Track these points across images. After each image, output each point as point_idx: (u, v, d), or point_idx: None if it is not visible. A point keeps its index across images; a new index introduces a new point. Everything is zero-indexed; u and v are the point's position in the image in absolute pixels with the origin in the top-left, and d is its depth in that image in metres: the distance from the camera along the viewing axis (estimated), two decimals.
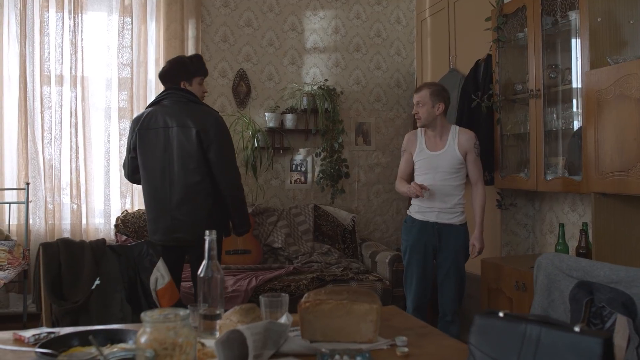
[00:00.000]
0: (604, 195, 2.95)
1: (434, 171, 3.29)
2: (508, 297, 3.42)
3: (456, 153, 3.26)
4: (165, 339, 1.12)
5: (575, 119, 3.26)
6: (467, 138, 3.29)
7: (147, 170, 3.11)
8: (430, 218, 3.31)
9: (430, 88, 3.31)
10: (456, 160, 3.26)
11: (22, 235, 4.43)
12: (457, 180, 3.30)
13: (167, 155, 3.05)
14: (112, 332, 1.53)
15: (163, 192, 3.07)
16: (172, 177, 3.05)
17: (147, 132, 3.07)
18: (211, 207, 3.07)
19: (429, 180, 3.29)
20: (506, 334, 1.15)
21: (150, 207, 3.14)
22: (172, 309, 1.19)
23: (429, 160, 3.31)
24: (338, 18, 5.25)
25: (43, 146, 4.47)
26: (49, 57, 4.47)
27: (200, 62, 3.20)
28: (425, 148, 3.34)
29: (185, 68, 3.13)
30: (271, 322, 1.43)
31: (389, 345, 1.57)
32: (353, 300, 1.59)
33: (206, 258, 1.66)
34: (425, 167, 3.33)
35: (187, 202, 3.03)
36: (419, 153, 3.36)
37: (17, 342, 1.60)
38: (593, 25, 2.96)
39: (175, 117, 3.03)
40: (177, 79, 3.12)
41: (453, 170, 3.27)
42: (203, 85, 3.24)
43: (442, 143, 3.30)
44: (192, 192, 3.03)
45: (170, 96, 3.09)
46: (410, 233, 3.39)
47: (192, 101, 3.08)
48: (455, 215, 3.31)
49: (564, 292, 2.10)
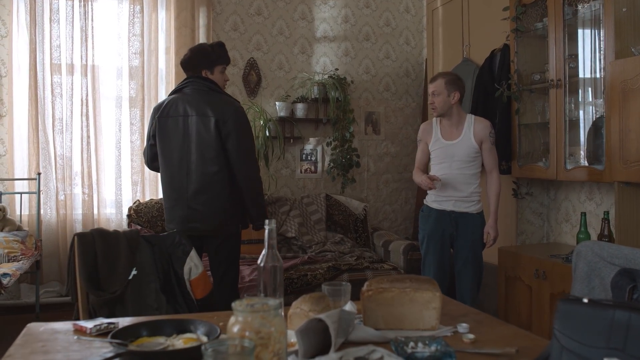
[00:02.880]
0: (626, 184, 2.99)
1: (450, 160, 3.29)
2: (527, 286, 3.47)
3: (472, 142, 3.26)
4: (260, 328, 1.12)
5: (595, 109, 3.29)
6: (483, 127, 3.28)
7: (165, 159, 3.08)
8: (447, 207, 3.32)
9: (445, 77, 3.30)
10: (472, 149, 3.26)
11: (33, 226, 4.40)
12: (472, 169, 3.30)
13: (186, 143, 3.02)
14: (178, 323, 1.53)
15: (180, 180, 3.04)
16: (190, 166, 3.02)
17: (166, 120, 3.04)
18: (228, 198, 3.03)
19: (444, 169, 3.30)
20: (592, 319, 1.17)
21: (167, 195, 3.12)
22: (259, 299, 1.20)
23: (444, 150, 3.32)
24: (348, 7, 5.24)
25: (54, 136, 4.43)
26: (59, 46, 4.42)
27: (223, 50, 3.16)
28: (441, 137, 3.34)
29: (207, 56, 3.09)
30: (342, 311, 1.44)
31: (452, 332, 1.59)
32: (416, 288, 1.60)
33: (266, 247, 1.65)
34: (441, 156, 3.33)
35: (204, 191, 3.00)
36: (434, 142, 3.37)
37: (78, 332, 1.60)
38: (618, 15, 2.98)
39: (195, 106, 3.00)
40: (198, 67, 3.08)
41: (469, 159, 3.28)
42: (225, 74, 3.21)
43: (458, 132, 3.30)
44: (209, 182, 2.99)
45: (191, 84, 3.06)
46: (427, 222, 3.40)
47: (213, 90, 3.04)
48: (472, 203, 3.31)
49: (604, 279, 2.13)
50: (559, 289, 3.19)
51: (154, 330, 1.49)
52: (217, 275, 3.02)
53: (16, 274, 3.66)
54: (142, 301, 2.44)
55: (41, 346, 1.48)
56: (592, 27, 3.31)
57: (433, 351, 1.33)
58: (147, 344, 1.43)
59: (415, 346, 1.37)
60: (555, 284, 3.22)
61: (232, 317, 1.16)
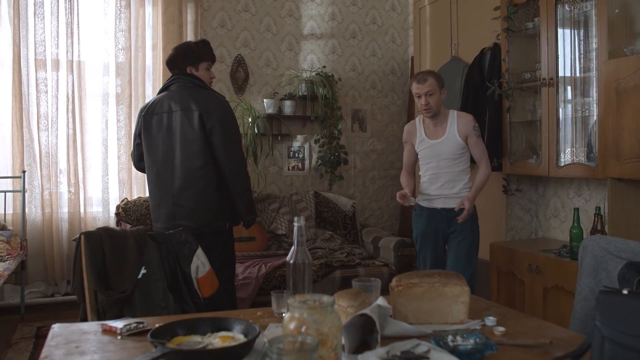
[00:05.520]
0: (618, 181, 3.09)
1: (437, 159, 3.27)
2: (520, 280, 3.54)
3: (456, 138, 3.23)
4: (320, 326, 1.13)
5: (587, 107, 3.38)
6: (466, 122, 3.24)
7: (151, 156, 3.04)
8: (438, 205, 3.30)
9: (435, 76, 3.25)
10: (457, 145, 3.23)
11: (18, 225, 4.29)
12: (461, 165, 3.28)
13: (170, 139, 2.98)
14: (212, 321, 1.52)
15: (165, 177, 3.00)
16: (175, 162, 2.97)
17: (151, 118, 3.01)
18: (214, 194, 2.98)
19: (433, 168, 3.29)
20: (634, 309, 1.22)
21: (153, 193, 3.07)
22: (313, 295, 1.20)
23: (430, 149, 3.29)
24: (334, 4, 5.25)
25: (39, 133, 4.33)
26: (43, 41, 4.32)
27: (207, 47, 3.12)
28: (426, 137, 3.31)
29: (192, 53, 3.06)
30: (379, 306, 1.46)
31: (480, 326, 1.62)
32: (445, 283, 1.63)
33: (295, 244, 1.66)
34: (428, 156, 3.31)
35: (189, 187, 2.96)
36: (420, 143, 3.34)
37: (107, 333, 1.58)
38: (610, 16, 3.06)
39: (179, 101, 2.97)
40: (183, 65, 3.05)
41: (456, 156, 3.25)
42: (211, 72, 3.17)
43: (442, 130, 3.27)
44: (194, 178, 2.95)
45: (176, 81, 3.03)
46: (420, 221, 3.40)
47: (199, 86, 3.02)
48: None
49: (611, 272, 2.20)
50: (552, 282, 3.28)
51: (189, 329, 1.48)
52: None
53: (4, 275, 3.56)
54: (150, 300, 2.41)
55: (75, 347, 1.45)
56: (583, 28, 3.40)
57: (474, 343, 1.36)
58: (186, 343, 1.42)
59: (454, 339, 1.39)
60: (549, 278, 3.30)
61: (288, 313, 1.17)
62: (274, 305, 1.76)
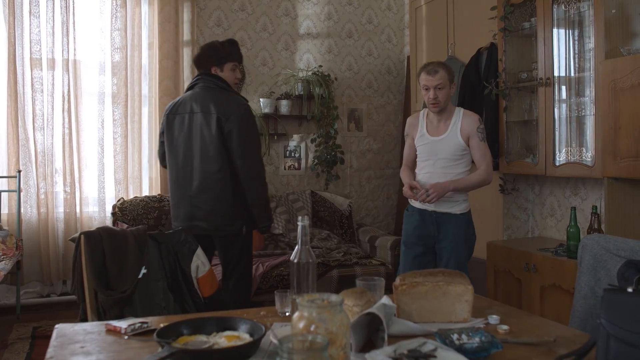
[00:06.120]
0: (615, 180, 3.11)
1: (435, 158, 3.03)
2: (516, 279, 3.56)
3: (458, 138, 2.98)
4: (329, 325, 1.13)
5: (584, 107, 3.39)
6: (470, 121, 2.99)
7: (171, 155, 3.08)
8: (429, 206, 3.03)
9: (446, 68, 2.97)
10: (458, 146, 2.98)
11: (13, 225, 4.27)
12: (459, 168, 3.02)
13: (190, 141, 3.01)
14: (217, 320, 1.52)
15: (184, 178, 3.04)
16: (194, 164, 3.01)
17: (174, 117, 3.05)
18: (230, 198, 2.99)
19: (428, 167, 3.06)
20: (638, 307, 1.23)
21: (173, 192, 3.12)
22: (321, 295, 1.21)
23: (429, 146, 3.05)
24: (331, 4, 5.25)
25: (34, 132, 4.30)
26: (39, 40, 4.29)
27: (233, 47, 3.12)
28: (426, 132, 3.07)
29: (216, 53, 3.06)
30: (385, 305, 1.46)
31: (484, 324, 1.63)
32: (448, 282, 1.64)
33: (299, 244, 1.66)
34: (425, 153, 3.07)
35: (206, 190, 2.98)
36: (419, 138, 3.10)
37: (111, 333, 1.57)
38: (607, 16, 3.08)
39: (201, 103, 2.99)
40: (208, 64, 3.07)
41: (455, 157, 3.00)
42: (237, 72, 3.16)
43: (445, 127, 3.02)
44: (211, 181, 2.98)
45: (200, 82, 3.05)
46: (409, 222, 3.16)
47: (221, 87, 3.03)
48: (456, 203, 3.02)
49: (610, 271, 2.21)
50: (549, 281, 3.30)
51: (194, 329, 1.49)
52: (225, 274, 3.00)
53: (1, 275, 3.55)
54: (150, 300, 2.41)
55: (80, 347, 1.45)
56: (580, 28, 3.42)
57: (480, 342, 1.37)
58: (192, 343, 1.42)
59: (459, 337, 1.40)
60: (546, 276, 3.31)
61: (297, 312, 1.17)
62: (277, 305, 1.76)
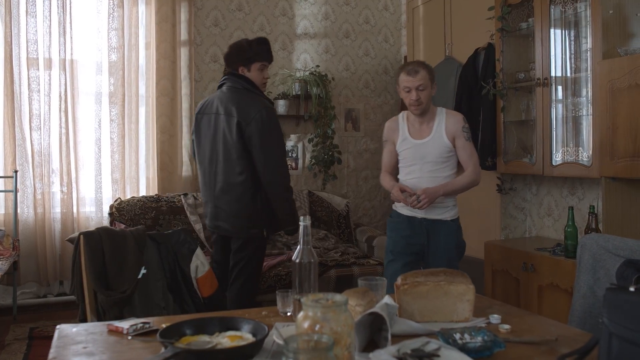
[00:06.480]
0: (612, 180, 3.12)
1: (421, 162, 2.89)
2: (514, 278, 3.57)
3: (444, 139, 2.87)
4: (334, 324, 1.13)
5: (581, 107, 3.41)
6: (454, 121, 2.89)
7: (199, 155, 3.15)
8: (418, 213, 2.89)
9: (427, 68, 2.87)
10: (445, 147, 2.88)
11: (10, 225, 4.25)
12: (447, 170, 2.90)
13: (215, 142, 3.05)
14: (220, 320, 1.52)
15: (210, 178, 3.08)
16: (218, 165, 3.05)
17: (202, 117, 3.08)
18: (250, 202, 3.00)
19: (415, 172, 2.91)
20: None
21: (202, 190, 3.22)
22: (326, 294, 1.21)
23: (414, 150, 2.91)
24: (328, 4, 5.26)
25: (31, 132, 4.29)
26: (36, 40, 4.28)
27: (261, 47, 3.09)
28: (409, 136, 2.93)
29: (243, 53, 3.04)
30: (387, 305, 1.47)
31: (485, 324, 1.63)
32: (450, 281, 1.64)
33: (301, 243, 1.67)
34: (410, 157, 2.92)
35: (228, 192, 3.01)
36: (402, 142, 2.95)
37: (113, 333, 1.57)
38: (605, 17, 3.10)
39: (225, 105, 3.01)
40: (236, 64, 3.06)
41: (442, 159, 2.89)
42: (265, 72, 3.13)
43: (429, 129, 2.90)
44: (232, 184, 3.00)
45: (227, 81, 3.07)
46: (396, 230, 2.98)
47: (245, 89, 3.01)
48: (447, 209, 2.90)
49: (610, 270, 2.22)
50: (547, 281, 3.31)
51: (197, 329, 1.49)
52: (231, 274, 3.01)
53: None
54: (150, 300, 2.41)
55: (83, 348, 1.45)
56: (577, 28, 3.43)
57: (482, 341, 1.37)
58: (195, 343, 1.42)
59: (462, 337, 1.40)
60: (544, 276, 3.33)
61: (301, 312, 1.17)
62: (279, 305, 1.77)
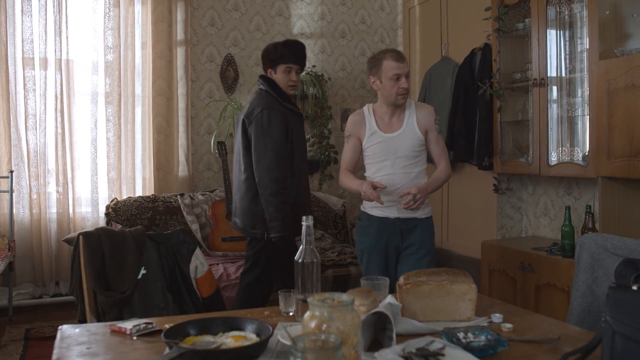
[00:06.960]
0: (609, 180, 3.14)
1: (393, 157, 2.74)
2: (511, 278, 3.58)
3: (416, 132, 2.75)
4: (341, 324, 1.13)
5: (578, 107, 3.43)
6: (426, 113, 2.79)
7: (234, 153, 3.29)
8: (391, 213, 2.75)
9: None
10: (417, 141, 2.75)
11: (5, 226, 4.23)
12: (419, 165, 2.79)
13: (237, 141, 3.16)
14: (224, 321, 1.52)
15: (233, 176, 3.30)
16: (236, 165, 3.19)
17: (239, 118, 3.17)
18: (251, 202, 3.05)
19: (386, 168, 2.76)
20: None
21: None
22: (332, 294, 1.21)
23: (384, 144, 2.76)
24: (324, 4, 5.26)
25: (27, 132, 4.26)
26: (31, 40, 4.25)
27: (287, 49, 3.09)
28: (378, 130, 2.78)
29: (268, 55, 3.13)
30: (391, 304, 1.47)
31: (487, 323, 1.64)
32: (452, 281, 1.65)
33: (303, 243, 1.67)
34: (380, 153, 2.77)
35: (237, 191, 3.16)
36: (370, 137, 2.79)
37: (116, 334, 1.57)
38: (601, 17, 3.12)
39: (246, 106, 3.13)
40: (265, 66, 3.16)
41: (414, 153, 2.76)
42: (292, 74, 3.12)
43: (399, 122, 2.77)
44: (240, 183, 3.12)
45: (258, 83, 3.19)
46: (367, 233, 2.83)
47: (265, 91, 3.10)
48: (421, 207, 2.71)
49: (608, 269, 2.24)
50: (544, 280, 3.32)
51: (201, 329, 1.49)
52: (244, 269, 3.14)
53: None
54: (149, 301, 2.40)
55: (86, 348, 1.44)
56: (574, 29, 3.45)
57: (486, 340, 1.38)
58: (199, 343, 1.42)
59: (466, 336, 1.41)
60: (541, 275, 3.34)
61: (308, 312, 1.17)
62: (281, 304, 1.77)
